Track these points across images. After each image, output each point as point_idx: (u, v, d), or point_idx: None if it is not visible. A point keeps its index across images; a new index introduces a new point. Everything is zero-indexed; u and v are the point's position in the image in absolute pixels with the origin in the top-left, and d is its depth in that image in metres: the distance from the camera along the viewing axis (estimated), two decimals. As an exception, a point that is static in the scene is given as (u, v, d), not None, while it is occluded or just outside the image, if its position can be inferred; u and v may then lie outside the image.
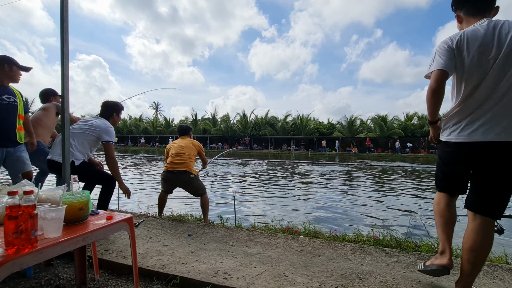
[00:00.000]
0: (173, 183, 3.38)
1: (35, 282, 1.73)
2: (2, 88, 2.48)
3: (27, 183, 1.47)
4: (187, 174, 3.27)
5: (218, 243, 2.32)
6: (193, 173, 3.32)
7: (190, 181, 3.30)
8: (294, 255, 2.11)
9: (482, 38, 1.41)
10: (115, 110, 2.85)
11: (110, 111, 2.82)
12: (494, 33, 1.40)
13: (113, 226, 1.43)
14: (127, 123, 41.56)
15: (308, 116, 35.37)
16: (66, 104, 2.32)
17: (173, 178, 3.31)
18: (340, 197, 6.52)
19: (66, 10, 2.28)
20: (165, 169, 3.36)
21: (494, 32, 1.40)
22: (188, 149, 3.42)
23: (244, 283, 1.67)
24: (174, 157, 3.35)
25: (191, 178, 3.28)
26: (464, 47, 1.45)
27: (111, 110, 2.83)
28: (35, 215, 1.05)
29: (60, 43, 2.26)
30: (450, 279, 1.75)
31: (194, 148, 3.49)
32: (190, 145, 3.47)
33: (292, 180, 9.31)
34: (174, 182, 3.37)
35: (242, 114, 37.30)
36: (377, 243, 2.46)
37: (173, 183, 3.38)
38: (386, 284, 1.68)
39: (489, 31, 1.41)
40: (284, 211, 5.14)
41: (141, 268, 1.83)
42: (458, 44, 1.46)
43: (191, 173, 3.30)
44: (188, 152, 3.40)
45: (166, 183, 3.38)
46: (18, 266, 1.00)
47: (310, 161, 18.56)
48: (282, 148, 31.94)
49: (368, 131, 32.51)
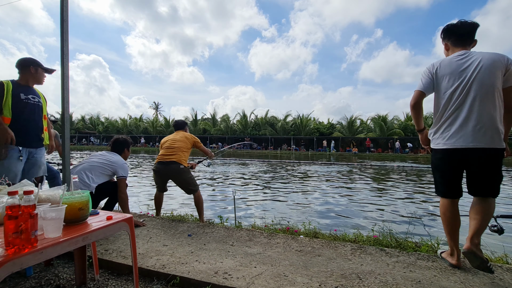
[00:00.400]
0: (165, 175, 3.37)
1: (35, 282, 1.73)
2: (28, 88, 2.49)
3: (27, 183, 1.47)
4: (176, 164, 3.26)
5: (218, 243, 2.32)
6: (183, 165, 3.31)
7: (180, 172, 3.28)
8: (294, 255, 2.11)
9: (454, 68, 1.83)
10: (125, 145, 3.02)
11: (122, 147, 2.98)
12: (464, 64, 1.81)
13: (113, 226, 1.43)
14: (127, 123, 41.57)
15: (308, 116, 35.41)
16: (66, 104, 2.32)
17: (164, 170, 3.31)
18: (340, 197, 6.52)
19: (66, 10, 2.28)
20: (156, 161, 3.38)
21: (465, 63, 1.81)
22: (181, 142, 3.41)
23: (244, 283, 1.67)
24: (166, 150, 3.36)
25: (180, 169, 3.27)
26: (440, 73, 1.87)
27: (122, 146, 2.98)
28: (35, 215, 1.05)
29: (60, 43, 2.26)
30: (450, 279, 1.75)
31: (188, 141, 3.47)
32: (183, 138, 3.46)
33: (292, 180, 9.31)
34: (165, 175, 3.36)
35: (242, 114, 37.35)
36: (377, 243, 2.46)
37: (165, 175, 3.37)
38: (386, 284, 1.68)
39: (460, 62, 1.82)
40: (284, 211, 5.14)
41: (141, 268, 1.83)
42: (436, 70, 1.89)
43: (181, 164, 3.29)
44: (180, 145, 3.39)
45: (157, 175, 3.39)
46: (18, 266, 1.00)
47: (311, 161, 18.57)
48: (282, 148, 31.94)
49: (368, 131, 32.51)
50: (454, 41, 1.96)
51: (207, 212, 4.89)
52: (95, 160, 2.71)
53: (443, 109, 1.87)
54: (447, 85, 1.84)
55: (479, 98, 1.75)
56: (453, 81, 1.81)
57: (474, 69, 1.76)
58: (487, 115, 1.74)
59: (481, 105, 1.75)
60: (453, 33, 1.95)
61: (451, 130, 1.83)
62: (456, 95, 1.80)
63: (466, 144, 1.77)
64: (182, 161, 3.30)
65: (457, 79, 1.80)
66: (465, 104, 1.78)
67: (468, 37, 1.91)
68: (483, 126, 1.74)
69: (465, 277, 1.78)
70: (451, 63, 1.84)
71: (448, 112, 1.84)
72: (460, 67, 1.81)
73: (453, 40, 1.96)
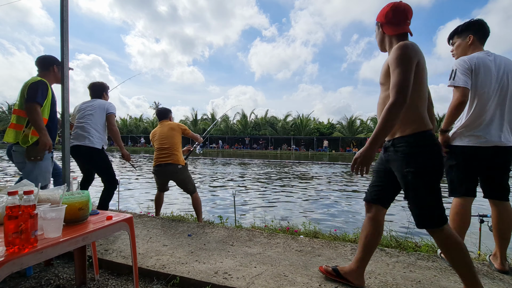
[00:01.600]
0: (164, 176, 3.40)
1: (35, 282, 1.73)
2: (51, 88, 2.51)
3: (27, 183, 1.47)
4: (174, 166, 3.28)
5: (218, 243, 2.32)
6: (181, 164, 3.33)
7: (177, 172, 3.31)
8: (294, 255, 2.11)
9: (490, 67, 1.85)
10: (103, 89, 3.13)
11: (100, 91, 3.10)
12: (496, 65, 1.86)
13: (113, 226, 1.43)
14: (127, 123, 41.53)
15: (308, 116, 35.40)
16: (66, 104, 2.32)
17: (162, 172, 3.34)
18: (340, 197, 6.52)
19: (66, 10, 2.28)
20: (154, 164, 3.39)
21: (497, 64, 1.86)
22: (170, 138, 3.34)
23: (244, 283, 1.67)
24: (159, 152, 3.35)
25: (178, 169, 3.30)
26: (477, 70, 1.84)
27: (100, 91, 3.11)
28: (35, 215, 1.05)
29: (60, 43, 2.26)
30: (450, 279, 1.75)
31: (176, 132, 3.40)
32: (171, 133, 3.37)
33: (292, 180, 9.31)
34: (164, 175, 3.38)
35: (242, 114, 37.35)
36: (377, 243, 2.46)
37: (164, 176, 3.40)
38: (386, 284, 1.68)
39: (493, 62, 1.86)
40: (284, 211, 5.14)
41: (141, 268, 1.83)
42: (475, 67, 1.85)
43: (178, 164, 3.31)
44: (171, 141, 3.33)
45: (158, 177, 3.41)
46: (18, 266, 1.00)
47: (310, 161, 18.56)
48: (282, 148, 31.93)
49: (368, 131, 32.50)
50: (480, 37, 1.97)
51: (207, 212, 4.89)
52: (85, 110, 2.89)
53: (478, 107, 1.85)
54: (484, 83, 1.84)
55: (509, 100, 1.86)
56: (490, 80, 1.83)
57: (504, 72, 1.85)
58: (510, 115, 1.87)
59: (509, 106, 1.86)
60: (482, 28, 1.97)
61: (484, 129, 1.83)
62: (493, 95, 1.83)
63: (498, 142, 1.82)
64: (179, 161, 3.31)
65: (494, 79, 1.83)
66: (500, 104, 1.84)
67: (487, 37, 1.98)
68: (509, 126, 1.86)
69: (465, 277, 1.78)
70: (485, 62, 1.85)
71: (482, 111, 1.84)
72: (495, 67, 1.85)
73: (480, 35, 1.97)
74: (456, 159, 1.93)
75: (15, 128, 2.30)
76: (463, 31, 2.02)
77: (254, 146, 33.70)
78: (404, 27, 1.49)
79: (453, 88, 1.87)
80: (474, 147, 1.85)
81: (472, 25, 1.99)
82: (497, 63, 1.86)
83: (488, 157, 1.84)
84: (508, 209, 1.86)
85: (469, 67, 1.85)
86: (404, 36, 1.49)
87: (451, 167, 1.96)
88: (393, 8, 1.48)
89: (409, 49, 1.35)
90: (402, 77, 1.31)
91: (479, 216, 2.33)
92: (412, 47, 1.37)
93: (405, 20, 1.48)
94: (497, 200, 1.89)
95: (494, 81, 1.83)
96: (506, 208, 1.86)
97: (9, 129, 2.31)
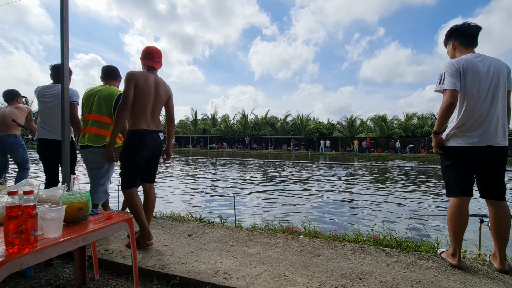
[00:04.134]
0: None
1: (35, 282, 1.73)
2: None
3: (27, 183, 1.47)
4: None
5: (218, 243, 2.32)
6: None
7: None
8: (294, 255, 2.11)
9: (479, 68, 1.87)
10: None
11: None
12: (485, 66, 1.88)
13: (113, 226, 1.43)
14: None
15: (308, 116, 35.40)
16: (66, 104, 2.32)
17: None
18: (340, 197, 6.52)
19: (66, 9, 2.27)
20: None
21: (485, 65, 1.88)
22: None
23: (244, 283, 1.67)
24: None
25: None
26: (465, 72, 1.87)
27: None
28: (35, 215, 1.05)
29: (60, 43, 2.26)
30: (450, 279, 1.75)
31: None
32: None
33: (292, 180, 9.31)
34: None
35: (242, 114, 37.33)
36: (377, 243, 2.46)
37: None
38: (386, 284, 1.69)
39: (482, 64, 1.88)
40: (284, 211, 5.14)
41: (141, 268, 1.83)
42: (463, 69, 1.88)
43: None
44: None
45: None
46: (18, 266, 1.00)
47: (310, 161, 18.56)
48: (282, 148, 31.93)
49: (368, 131, 32.51)
50: (462, 41, 2.01)
51: (207, 212, 4.89)
52: (51, 101, 2.83)
53: (468, 108, 1.88)
54: (473, 84, 1.86)
55: (501, 100, 1.87)
56: (479, 81, 1.85)
57: (494, 72, 1.87)
58: (503, 115, 1.89)
59: (501, 106, 1.88)
60: (462, 33, 2.00)
61: (476, 129, 1.86)
62: (483, 95, 1.85)
63: (491, 142, 1.84)
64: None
65: (483, 80, 1.85)
66: (492, 104, 1.85)
67: (475, 39, 1.99)
68: (502, 126, 1.87)
69: (465, 277, 1.79)
70: (474, 63, 1.88)
71: (473, 111, 1.86)
72: (483, 68, 1.87)
73: (461, 40, 2.01)
74: (451, 160, 1.96)
75: (98, 132, 2.64)
76: (446, 40, 2.11)
77: (254, 146, 33.69)
78: None
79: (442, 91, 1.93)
80: (467, 147, 1.87)
81: (452, 32, 2.05)
82: (486, 64, 1.89)
83: (482, 157, 1.86)
84: (505, 209, 1.87)
85: (457, 69, 1.89)
86: None
87: (447, 168, 1.99)
88: None
89: None
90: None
91: (479, 216, 2.33)
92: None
93: None
94: (494, 200, 1.90)
95: (484, 82, 1.85)
96: (503, 207, 1.87)
97: (91, 133, 2.62)
